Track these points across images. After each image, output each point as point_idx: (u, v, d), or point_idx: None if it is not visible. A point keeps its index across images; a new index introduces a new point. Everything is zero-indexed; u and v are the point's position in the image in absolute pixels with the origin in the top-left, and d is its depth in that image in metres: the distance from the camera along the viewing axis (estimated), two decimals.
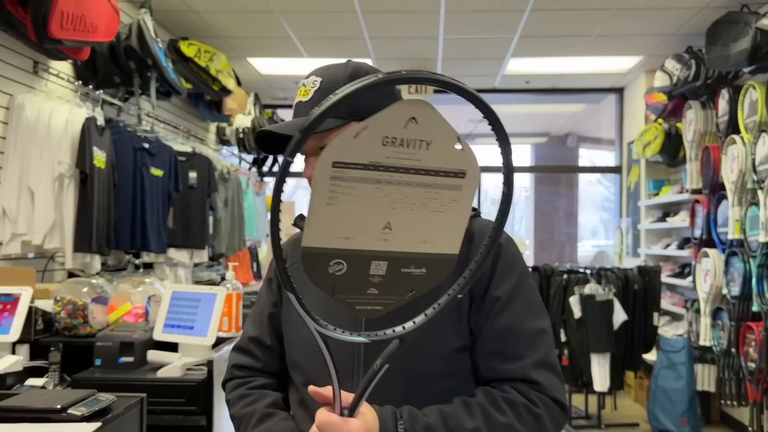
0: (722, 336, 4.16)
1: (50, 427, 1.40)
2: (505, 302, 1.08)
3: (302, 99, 1.10)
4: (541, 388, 1.05)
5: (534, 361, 1.06)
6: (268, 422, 1.11)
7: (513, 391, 1.04)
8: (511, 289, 1.09)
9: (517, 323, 1.08)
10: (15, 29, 2.92)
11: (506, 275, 1.10)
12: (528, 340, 1.07)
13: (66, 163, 3.09)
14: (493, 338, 1.08)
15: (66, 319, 2.45)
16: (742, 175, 3.92)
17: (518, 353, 1.06)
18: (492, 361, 1.08)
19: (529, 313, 1.10)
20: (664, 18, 4.71)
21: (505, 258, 1.12)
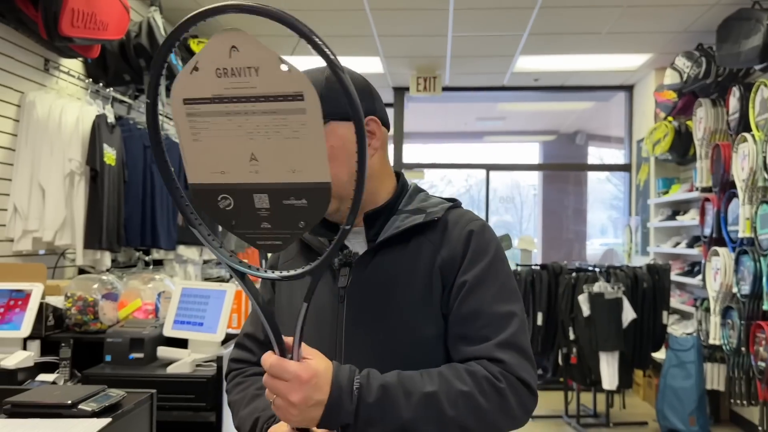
0: (732, 335, 4.14)
1: (61, 423, 1.41)
2: (473, 286, 1.09)
3: None
4: (505, 366, 1.04)
5: (499, 341, 1.06)
6: (256, 402, 1.15)
7: (476, 365, 1.04)
8: (479, 274, 1.10)
9: (485, 307, 1.08)
10: (26, 27, 2.94)
11: (475, 261, 1.11)
12: (495, 322, 1.07)
13: (76, 160, 3.11)
14: (459, 322, 1.09)
15: (76, 315, 2.46)
16: (753, 173, 3.90)
17: (484, 335, 1.07)
18: (459, 344, 1.08)
19: (497, 298, 1.10)
20: (675, 15, 4.68)
21: (475, 244, 1.12)
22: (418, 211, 1.16)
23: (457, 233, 1.13)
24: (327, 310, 1.12)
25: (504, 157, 11.93)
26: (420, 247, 1.13)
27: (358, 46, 5.52)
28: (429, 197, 1.22)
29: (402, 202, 1.19)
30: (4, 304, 2.30)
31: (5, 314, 2.28)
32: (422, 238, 1.13)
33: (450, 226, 1.14)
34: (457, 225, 1.15)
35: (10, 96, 3.04)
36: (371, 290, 1.11)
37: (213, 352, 2.27)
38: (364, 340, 1.09)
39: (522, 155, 12.91)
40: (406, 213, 1.16)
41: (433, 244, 1.13)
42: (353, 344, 1.10)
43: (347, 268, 1.14)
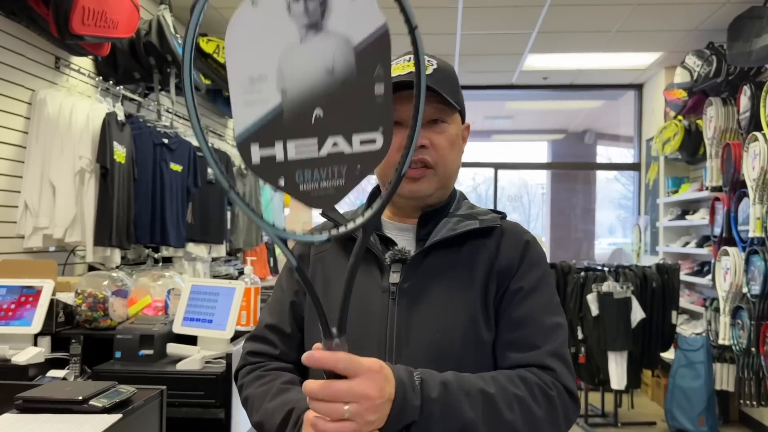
0: (742, 335, 4.12)
1: (72, 418, 1.42)
2: (527, 293, 1.11)
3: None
4: (555, 375, 1.05)
5: (549, 350, 1.07)
6: (286, 394, 1.09)
7: (527, 372, 1.05)
8: (534, 282, 1.12)
9: (536, 315, 1.10)
10: (37, 25, 2.95)
11: (532, 269, 1.14)
12: (544, 332, 1.09)
13: (87, 157, 3.13)
14: (511, 327, 1.10)
15: (87, 311, 2.47)
16: (763, 172, 3.87)
17: (534, 343, 1.08)
18: (509, 350, 1.09)
19: (547, 309, 1.12)
20: (685, 13, 4.66)
21: (532, 254, 1.16)
22: (470, 216, 1.18)
23: (514, 241, 1.16)
24: (375, 305, 1.11)
25: (512, 156, 11.91)
26: (477, 252, 1.14)
27: None
28: (474, 205, 1.25)
29: (453, 205, 1.22)
30: (15, 300, 2.32)
31: (16, 310, 2.29)
32: (478, 243, 1.15)
33: (506, 235, 1.17)
34: (513, 234, 1.18)
35: (21, 94, 3.06)
36: (426, 290, 1.11)
37: (222, 349, 2.28)
38: (417, 340, 1.08)
39: (530, 154, 12.88)
40: (458, 217, 1.17)
41: (490, 251, 1.14)
42: (404, 343, 1.08)
43: (399, 264, 1.13)
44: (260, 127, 0.78)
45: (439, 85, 1.12)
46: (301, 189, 0.79)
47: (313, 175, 0.79)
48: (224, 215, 4.69)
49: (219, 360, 2.27)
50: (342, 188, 0.79)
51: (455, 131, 1.18)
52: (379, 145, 0.78)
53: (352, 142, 0.78)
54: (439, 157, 1.14)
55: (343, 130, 0.78)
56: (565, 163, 9.41)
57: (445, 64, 1.19)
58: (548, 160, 9.54)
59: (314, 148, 0.78)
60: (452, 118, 1.17)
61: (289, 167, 0.79)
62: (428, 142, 1.13)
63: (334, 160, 0.79)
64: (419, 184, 1.14)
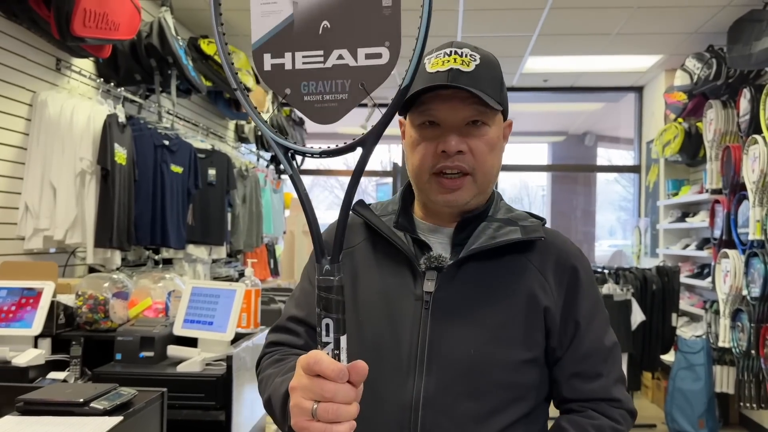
0: (742, 337, 4.12)
1: (73, 421, 1.42)
2: (587, 326, 1.09)
3: (461, 68, 1.04)
4: (621, 404, 1.08)
5: (613, 378, 1.09)
6: None
7: (599, 416, 1.06)
8: (591, 312, 1.10)
9: (598, 344, 1.10)
10: (38, 27, 2.96)
11: (584, 297, 1.10)
12: (606, 357, 1.10)
13: (87, 159, 3.13)
14: (576, 360, 1.09)
15: (87, 313, 2.48)
16: (763, 175, 3.88)
17: (599, 372, 1.09)
18: (575, 382, 1.09)
19: (605, 330, 1.12)
20: (685, 16, 4.66)
21: (584, 278, 1.11)
22: (510, 222, 1.11)
23: (561, 264, 1.10)
24: (407, 313, 1.05)
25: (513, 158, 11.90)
26: (520, 266, 1.09)
27: None
28: (512, 208, 1.18)
29: (491, 208, 1.15)
30: (16, 302, 2.32)
31: (17, 312, 2.30)
32: (521, 256, 1.09)
33: (551, 252, 1.11)
34: (560, 251, 1.12)
35: (22, 95, 3.06)
36: (463, 301, 1.05)
37: (223, 351, 2.28)
38: (449, 354, 1.03)
39: (531, 156, 12.89)
40: (498, 222, 1.11)
41: (534, 266, 1.09)
42: (437, 354, 1.03)
43: (434, 272, 1.07)
44: (272, 36, 0.81)
45: (480, 83, 1.04)
46: (305, 99, 0.81)
47: (318, 87, 0.80)
48: (225, 217, 4.69)
49: (219, 362, 2.27)
50: (345, 102, 0.79)
51: (496, 133, 1.10)
52: (384, 60, 0.78)
53: (357, 55, 0.78)
54: (478, 163, 1.07)
55: (348, 42, 0.79)
56: (565, 165, 9.41)
57: (488, 59, 1.10)
58: (549, 162, 9.54)
59: (320, 59, 0.80)
60: (494, 120, 1.09)
61: (295, 77, 0.81)
62: (466, 147, 1.05)
63: (338, 73, 0.79)
64: (456, 194, 1.07)
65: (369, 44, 0.78)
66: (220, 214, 4.61)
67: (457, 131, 1.05)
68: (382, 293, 1.08)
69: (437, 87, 1.03)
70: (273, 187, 6.23)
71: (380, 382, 1.01)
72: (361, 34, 0.78)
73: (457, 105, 1.04)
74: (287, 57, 0.80)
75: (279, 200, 6.47)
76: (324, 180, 12.15)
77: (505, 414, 1.03)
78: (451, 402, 1.00)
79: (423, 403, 1.00)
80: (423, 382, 1.01)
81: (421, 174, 1.08)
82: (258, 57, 0.81)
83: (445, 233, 1.12)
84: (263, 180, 5.84)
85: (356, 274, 1.12)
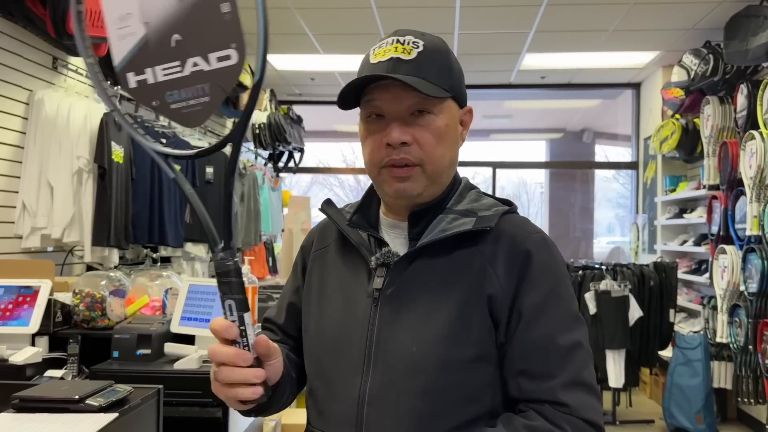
0: (739, 333, 4.13)
1: (68, 417, 1.42)
2: (534, 316, 0.99)
3: (402, 56, 1.01)
4: (570, 410, 0.95)
5: (564, 380, 0.97)
6: None
7: (537, 417, 0.96)
8: (540, 301, 1.00)
9: (548, 339, 0.99)
10: (34, 26, 2.96)
11: (536, 285, 1.00)
12: (560, 356, 0.98)
13: (85, 158, 3.13)
14: (522, 355, 0.99)
15: (84, 311, 2.48)
16: (760, 170, 3.88)
17: (548, 372, 0.97)
18: (521, 380, 0.99)
19: (561, 327, 1.00)
20: (682, 12, 4.67)
21: (536, 264, 1.01)
22: (468, 213, 1.05)
23: (514, 251, 1.02)
24: (359, 310, 1.04)
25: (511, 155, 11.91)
26: (469, 258, 1.02)
27: (364, 44, 5.52)
28: (481, 196, 1.11)
29: (452, 199, 1.09)
30: (13, 300, 2.32)
31: (14, 310, 2.30)
32: (471, 247, 1.03)
33: (505, 238, 1.03)
34: (513, 238, 1.03)
35: (19, 94, 3.06)
36: (408, 297, 1.02)
37: None
38: (393, 352, 1.00)
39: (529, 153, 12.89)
40: (455, 213, 1.06)
41: (484, 257, 1.02)
42: (383, 352, 1.01)
43: (384, 269, 1.04)
44: (132, 56, 0.87)
45: (423, 71, 1.01)
46: (172, 107, 0.87)
47: (181, 94, 0.86)
48: None
49: None
50: (208, 104, 0.86)
51: (445, 121, 1.04)
52: (234, 61, 0.84)
53: (209, 60, 0.85)
54: (425, 153, 1.02)
55: (199, 50, 0.85)
56: (563, 162, 9.41)
57: (434, 45, 1.05)
58: (546, 159, 9.55)
59: (178, 69, 0.86)
60: (440, 107, 1.04)
61: (159, 89, 0.87)
62: (410, 137, 1.01)
63: (196, 78, 0.85)
64: (406, 183, 1.03)
65: (217, 48, 0.84)
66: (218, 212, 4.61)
67: (402, 121, 1.02)
68: (341, 292, 1.09)
69: (375, 78, 1.01)
70: (271, 185, 6.23)
71: (335, 379, 1.04)
72: (209, 40, 0.84)
73: (398, 94, 1.01)
74: (148, 72, 0.87)
75: (277, 198, 6.47)
76: (323, 178, 12.16)
77: (455, 414, 0.98)
78: (394, 400, 0.98)
79: (368, 401, 0.99)
80: (369, 380, 1.00)
81: (372, 168, 1.06)
82: (122, 77, 0.88)
83: (402, 228, 1.09)
84: (261, 178, 5.84)
85: (324, 274, 1.14)
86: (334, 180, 12.51)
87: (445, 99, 1.04)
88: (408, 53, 1.02)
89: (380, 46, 1.05)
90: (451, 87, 1.05)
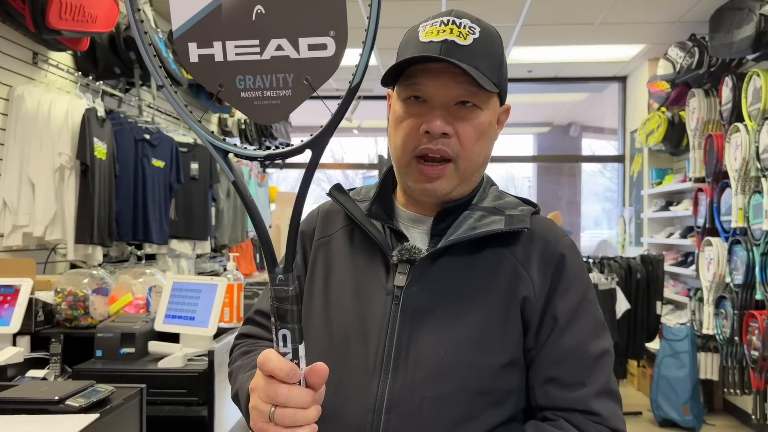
0: (725, 324, 4.15)
1: (48, 419, 1.40)
2: (567, 323, 0.96)
3: (458, 40, 0.94)
4: (601, 419, 0.93)
5: (596, 389, 0.94)
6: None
7: (568, 427, 0.92)
8: (573, 308, 0.97)
9: (580, 347, 0.96)
10: (13, 20, 2.91)
11: (569, 291, 0.97)
12: (590, 365, 0.95)
13: (66, 154, 3.09)
14: (552, 363, 0.96)
15: (67, 310, 2.45)
16: (745, 163, 3.90)
17: (579, 380, 0.94)
18: (550, 388, 0.95)
19: (592, 335, 0.97)
20: (667, 5, 4.67)
21: (569, 270, 0.98)
22: (496, 211, 1.00)
23: (547, 254, 0.98)
24: (377, 307, 0.98)
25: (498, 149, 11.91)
26: (500, 259, 0.98)
27: (350, 39, 5.49)
28: (504, 194, 1.07)
29: (477, 195, 1.04)
30: None
31: None
32: (502, 248, 0.99)
33: (536, 242, 0.99)
34: (546, 242, 1.00)
35: None
36: (435, 297, 0.97)
37: (205, 347, 2.26)
38: (417, 354, 0.95)
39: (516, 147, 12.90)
40: (481, 211, 1.01)
41: (517, 259, 0.98)
42: (405, 354, 0.95)
43: (407, 265, 0.98)
44: (197, 22, 0.70)
45: (477, 60, 0.93)
46: (242, 96, 0.71)
47: (256, 82, 0.71)
48: (208, 211, 4.65)
49: (201, 357, 2.25)
50: (288, 99, 0.71)
51: (488, 118, 0.98)
52: (330, 52, 0.70)
53: (299, 46, 0.70)
54: (463, 149, 0.96)
55: (288, 31, 0.69)
56: (550, 156, 9.43)
57: (490, 33, 0.98)
58: (534, 153, 9.56)
59: (256, 50, 0.70)
60: (488, 102, 0.98)
61: (228, 70, 0.71)
62: (452, 129, 0.95)
63: (279, 65, 0.70)
64: (435, 184, 0.98)
65: (311, 33, 0.70)
66: (204, 208, 4.57)
67: (445, 111, 0.95)
68: (353, 286, 1.02)
69: (427, 59, 0.93)
70: (258, 181, 6.19)
71: (346, 381, 0.96)
72: (302, 21, 0.69)
73: (447, 82, 0.94)
74: (217, 47, 0.70)
75: (264, 194, 6.43)
76: None
77: (479, 421, 0.93)
78: (417, 406, 0.92)
79: (387, 406, 0.93)
80: (388, 384, 0.94)
81: (403, 155, 0.99)
82: (182, 46, 0.71)
83: (425, 223, 1.03)
84: (248, 174, 5.80)
85: (330, 265, 1.06)
86: (321, 175, 12.46)
87: (493, 94, 0.98)
88: (464, 38, 0.94)
89: (433, 24, 0.97)
90: (500, 81, 0.99)
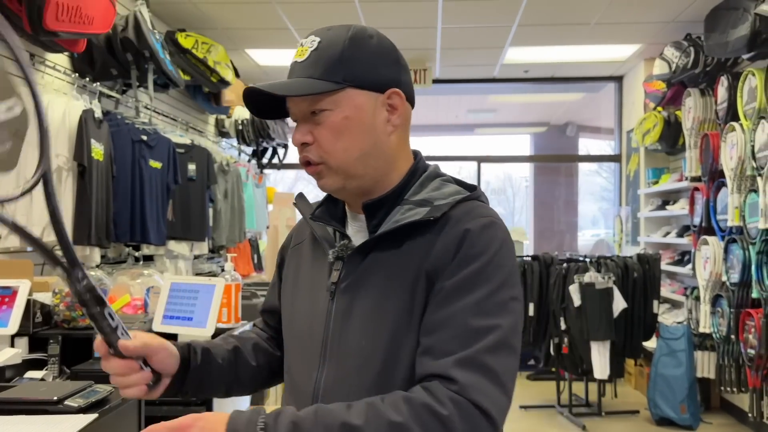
0: (722, 323, 4.17)
1: (47, 419, 1.41)
2: (448, 294, 0.94)
3: (297, 59, 1.04)
4: (458, 387, 0.87)
5: (460, 357, 0.89)
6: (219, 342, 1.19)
7: (418, 390, 0.89)
8: (461, 280, 0.94)
9: (457, 317, 0.92)
10: (10, 21, 2.91)
11: (462, 264, 0.95)
12: (465, 336, 0.91)
13: (63, 155, 3.09)
14: (427, 332, 0.94)
15: (65, 311, 2.45)
16: (741, 162, 3.91)
17: (449, 349, 0.90)
18: (423, 357, 0.93)
19: (477, 309, 0.92)
20: (663, 5, 4.69)
21: (470, 244, 0.96)
22: (424, 203, 1.01)
23: (453, 232, 0.97)
24: (320, 304, 1.05)
25: (495, 149, 11.94)
26: (417, 248, 0.99)
27: None
28: (444, 185, 1.06)
29: (411, 189, 1.05)
30: None
31: None
32: (421, 237, 0.99)
33: (451, 224, 0.98)
34: (458, 222, 0.98)
35: None
36: (360, 290, 1.01)
37: None
38: (345, 345, 1.00)
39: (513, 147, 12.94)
40: (411, 204, 1.02)
41: (431, 245, 0.98)
42: (337, 347, 1.01)
43: (340, 262, 1.05)
44: None
45: (309, 70, 1.01)
46: None
47: None
48: (206, 212, 4.66)
49: None
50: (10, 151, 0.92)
51: (343, 114, 1.01)
52: (18, 111, 0.88)
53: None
54: (324, 151, 1.02)
55: None
56: (547, 156, 9.45)
57: (332, 39, 1.03)
58: (531, 152, 9.58)
59: None
60: (335, 101, 1.01)
61: None
62: (311, 137, 1.03)
63: None
64: (322, 182, 1.06)
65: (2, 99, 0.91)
66: (201, 209, 4.58)
67: (305, 123, 1.04)
68: (308, 286, 1.11)
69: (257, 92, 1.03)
70: (255, 182, 6.19)
71: (296, 372, 1.08)
72: None
73: (294, 100, 1.04)
74: None
75: (262, 195, 6.44)
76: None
77: None
78: (345, 394, 0.94)
79: (321, 394, 1.01)
80: (324, 374, 1.01)
81: None
82: None
83: (362, 220, 1.07)
84: (245, 174, 5.81)
85: (298, 268, 1.16)
86: None
87: (338, 91, 1.00)
88: (302, 54, 1.04)
89: (302, 44, 1.07)
90: (347, 77, 1.01)
